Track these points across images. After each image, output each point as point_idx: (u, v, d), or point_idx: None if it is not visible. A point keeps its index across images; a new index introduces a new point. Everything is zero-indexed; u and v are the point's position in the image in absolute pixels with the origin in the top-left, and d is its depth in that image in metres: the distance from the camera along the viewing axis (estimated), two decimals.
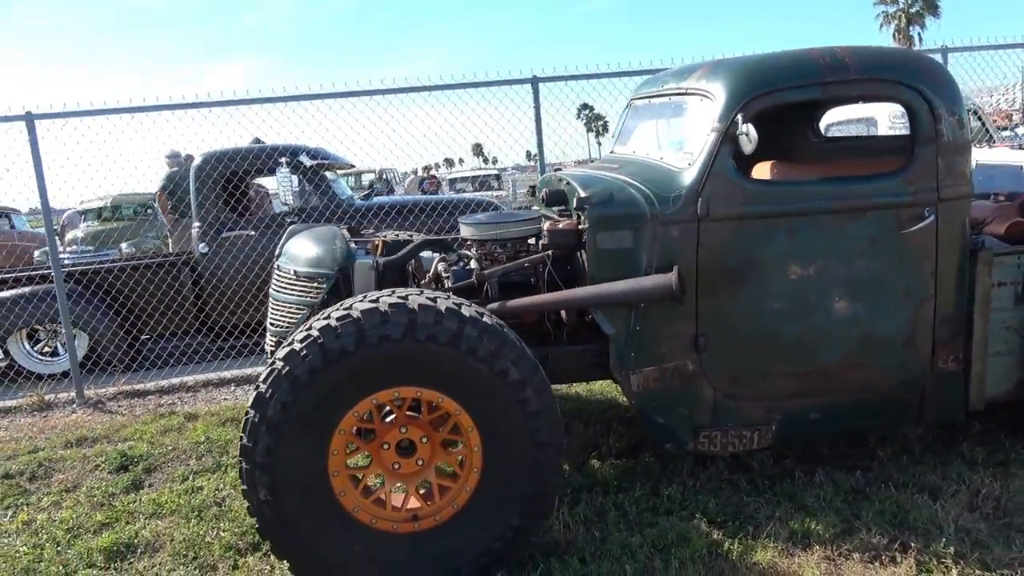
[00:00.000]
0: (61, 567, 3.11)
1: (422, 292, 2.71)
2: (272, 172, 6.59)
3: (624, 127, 3.94)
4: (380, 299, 2.61)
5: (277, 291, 3.54)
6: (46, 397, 5.65)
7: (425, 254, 3.76)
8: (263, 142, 7.79)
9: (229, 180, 6.62)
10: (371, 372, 2.56)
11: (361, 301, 2.62)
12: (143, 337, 6.53)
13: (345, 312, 2.56)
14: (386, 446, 2.73)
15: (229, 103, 5.73)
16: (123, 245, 10.78)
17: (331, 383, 2.53)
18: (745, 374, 3.14)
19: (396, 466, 2.74)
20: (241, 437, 2.55)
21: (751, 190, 3.03)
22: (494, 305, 3.19)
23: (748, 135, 2.90)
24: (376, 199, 7.80)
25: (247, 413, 2.54)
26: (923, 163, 3.03)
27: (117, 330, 6.32)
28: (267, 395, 2.51)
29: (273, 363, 2.56)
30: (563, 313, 3.35)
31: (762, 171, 4.28)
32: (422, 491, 2.79)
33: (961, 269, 3.14)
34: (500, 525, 2.70)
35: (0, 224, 14.77)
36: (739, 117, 2.95)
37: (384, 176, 22.70)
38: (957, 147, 3.05)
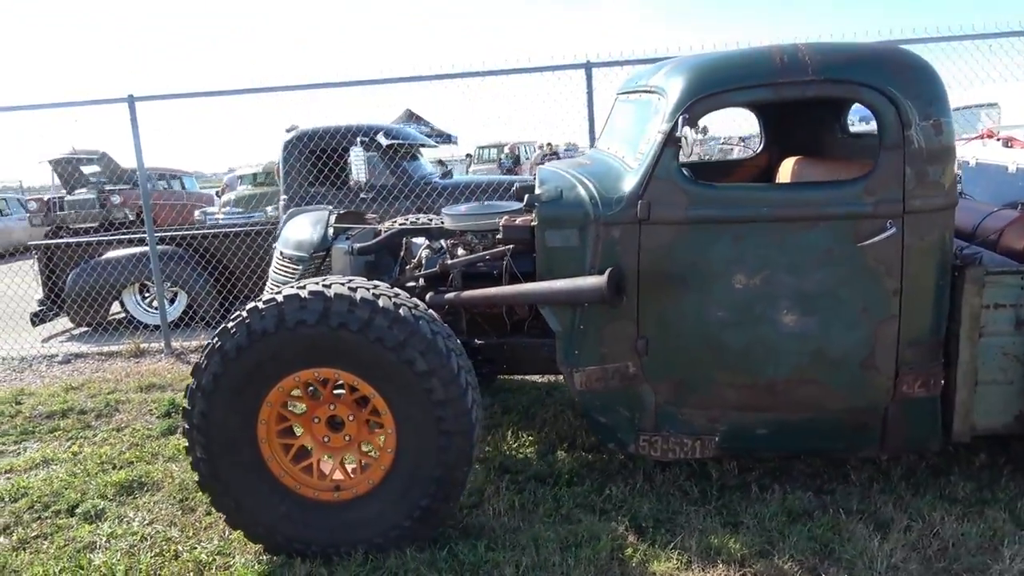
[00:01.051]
0: (80, 494, 3.65)
1: (352, 280, 2.90)
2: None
3: (609, 121, 3.89)
4: (307, 286, 2.83)
5: (271, 270, 3.88)
6: (141, 345, 6.46)
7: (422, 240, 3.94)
8: (417, 115, 8.48)
9: (312, 155, 7.12)
10: (290, 352, 2.81)
11: (293, 287, 2.86)
12: (233, 297, 7.25)
13: (271, 297, 2.82)
14: (316, 420, 2.97)
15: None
16: (268, 208, 11.81)
17: (254, 360, 2.81)
18: (687, 382, 3.07)
19: (326, 439, 2.99)
20: (184, 401, 2.90)
21: (696, 194, 2.93)
22: (451, 294, 3.34)
23: (686, 139, 2.81)
24: (456, 179, 8.07)
25: (190, 380, 2.87)
26: (887, 171, 2.79)
27: (211, 290, 7.06)
28: (202, 366, 2.84)
29: (212, 337, 2.87)
30: (519, 307, 3.42)
31: (786, 167, 4.08)
32: (351, 466, 3.03)
33: (938, 288, 2.88)
34: (410, 504, 2.88)
35: (173, 185, 16.68)
36: (681, 119, 2.86)
37: (515, 151, 23.09)
38: (931, 154, 2.78)
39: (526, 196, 3.24)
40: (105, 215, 13.20)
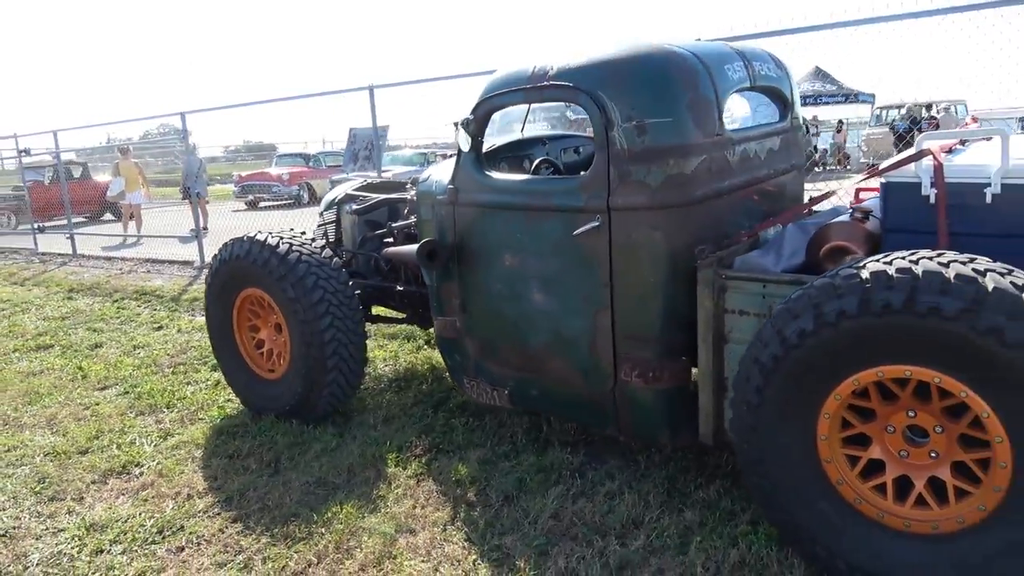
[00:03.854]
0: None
1: (287, 232, 4.20)
2: None
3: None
4: (249, 236, 4.23)
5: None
6: None
7: None
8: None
9: None
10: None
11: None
12: None
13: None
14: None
15: None
16: None
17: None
18: (487, 340, 3.65)
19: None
20: None
21: (481, 182, 3.46)
22: (385, 250, 4.40)
23: (466, 132, 3.39)
24: None
25: None
26: (597, 170, 2.98)
27: None
28: None
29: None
30: None
31: None
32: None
33: (653, 285, 2.96)
34: None
35: None
36: (470, 117, 3.43)
37: (913, 113, 20.21)
38: (634, 155, 2.87)
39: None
40: None
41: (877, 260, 2.29)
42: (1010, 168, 2.43)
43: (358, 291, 4.33)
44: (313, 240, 4.20)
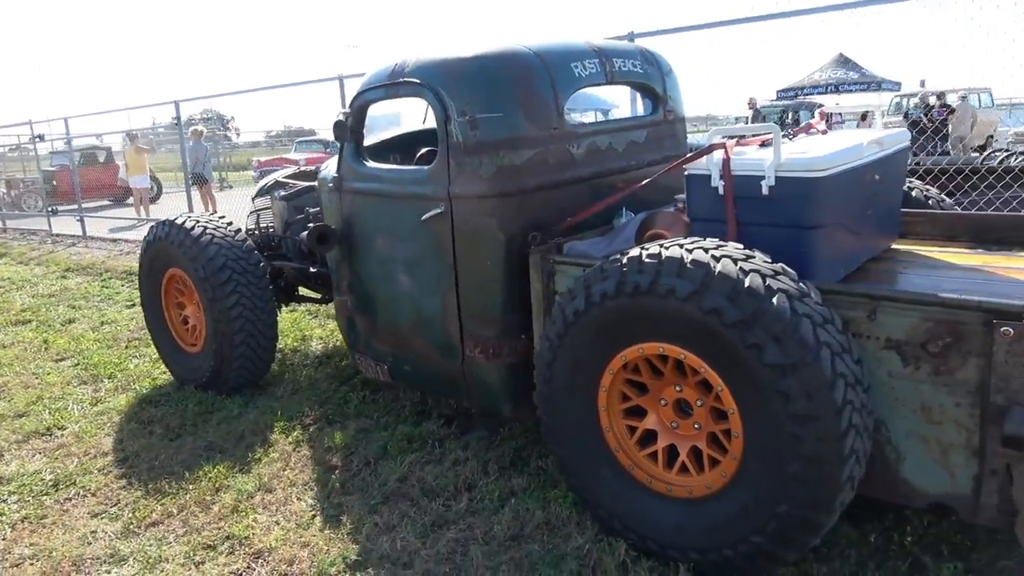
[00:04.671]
0: None
1: (209, 216, 4.51)
2: None
3: None
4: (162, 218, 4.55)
5: None
6: None
7: None
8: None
9: None
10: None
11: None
12: None
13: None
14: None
15: None
16: None
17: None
18: (369, 319, 3.91)
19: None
20: None
21: (358, 171, 3.71)
22: (302, 234, 4.69)
23: (346, 125, 3.65)
24: None
25: None
26: (439, 161, 3.21)
27: None
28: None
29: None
30: None
31: None
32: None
33: (491, 269, 3.18)
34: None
35: None
36: (347, 111, 3.68)
37: (927, 100, 19.85)
38: (468, 148, 3.10)
39: None
40: None
41: (641, 247, 2.49)
42: (782, 162, 2.60)
43: (280, 273, 4.65)
44: (229, 224, 4.50)
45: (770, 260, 2.37)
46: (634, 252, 2.48)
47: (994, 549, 2.46)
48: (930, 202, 3.64)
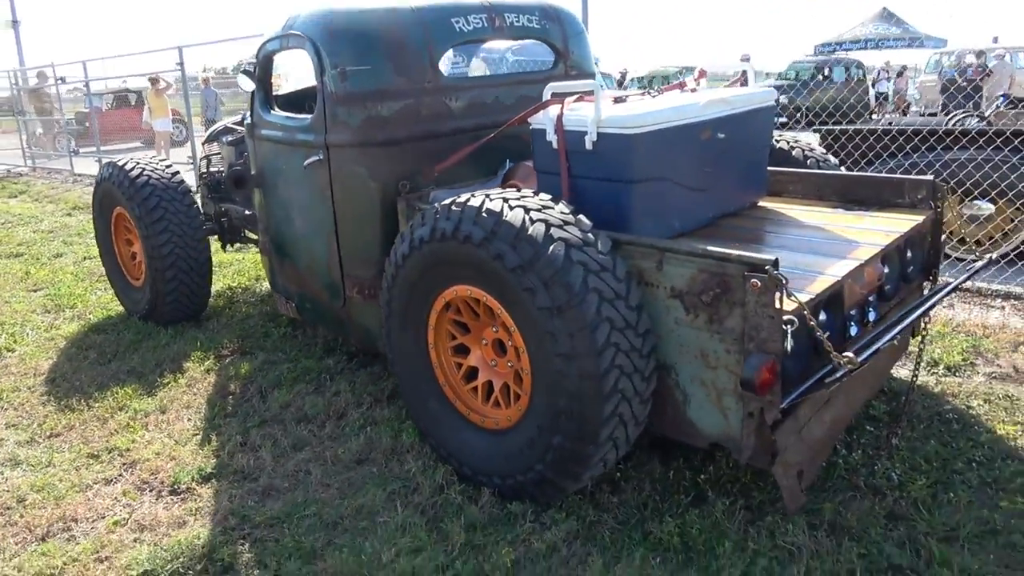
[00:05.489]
0: None
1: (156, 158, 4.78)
2: None
3: None
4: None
5: None
6: None
7: None
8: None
9: None
10: None
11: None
12: None
13: None
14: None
15: None
16: None
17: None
18: (279, 258, 4.15)
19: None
20: None
21: (264, 118, 3.91)
22: None
23: (250, 77, 3.84)
24: None
25: None
26: (318, 110, 3.39)
27: None
28: None
29: None
30: None
31: None
32: None
33: (364, 214, 3.38)
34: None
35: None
36: (253, 61, 3.87)
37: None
38: (339, 98, 3.27)
39: None
40: None
41: (460, 196, 2.66)
42: (603, 119, 2.72)
43: (226, 215, 4.91)
44: (168, 167, 4.77)
45: (569, 212, 2.52)
46: (447, 200, 2.65)
47: (776, 490, 2.62)
48: (809, 162, 3.70)
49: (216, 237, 5.16)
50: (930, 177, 3.16)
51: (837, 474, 2.70)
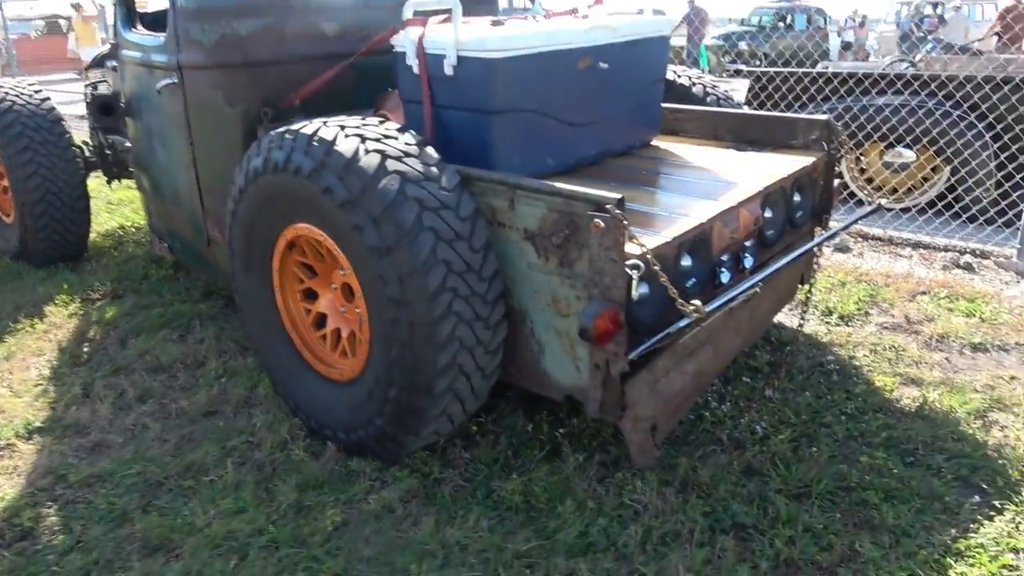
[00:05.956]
0: None
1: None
2: None
3: None
4: None
5: None
6: None
7: None
8: None
9: None
10: None
11: None
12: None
13: None
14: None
15: None
16: None
17: None
18: (148, 194, 3.84)
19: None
20: None
21: (124, 38, 3.54)
22: None
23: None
24: None
25: None
26: (170, 27, 3.05)
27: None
28: None
29: None
30: None
31: None
32: None
33: (223, 143, 3.08)
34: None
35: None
36: None
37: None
38: (192, 13, 2.93)
39: None
40: None
41: (297, 123, 2.39)
42: (463, 41, 2.45)
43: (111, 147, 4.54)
44: (37, 92, 4.36)
45: (416, 143, 2.28)
46: (283, 128, 2.38)
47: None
48: (709, 99, 3.48)
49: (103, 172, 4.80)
50: (824, 116, 2.98)
51: (702, 427, 2.56)
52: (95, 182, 4.93)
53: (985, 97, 4.72)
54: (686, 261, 2.32)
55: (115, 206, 5.76)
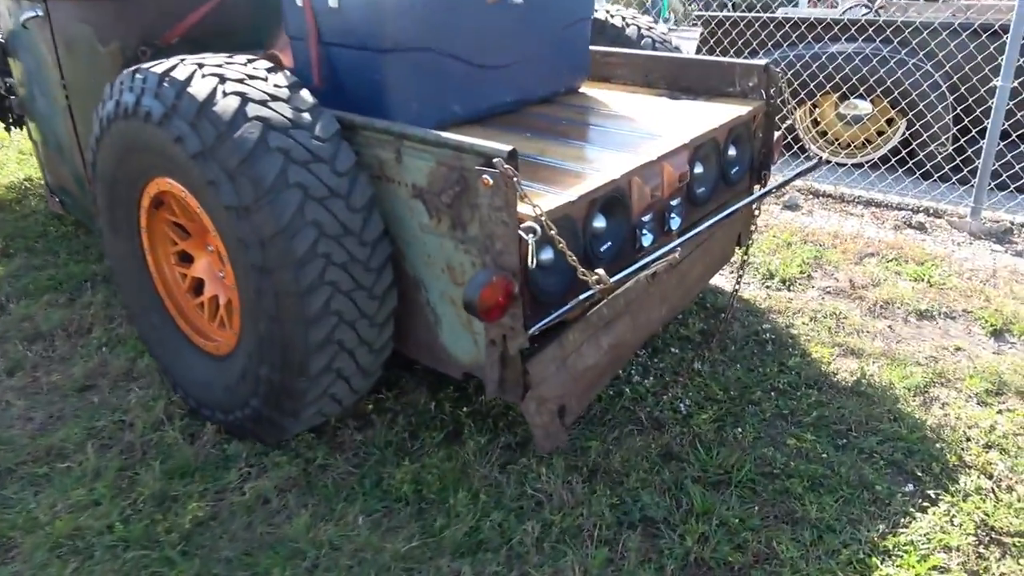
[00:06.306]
0: None
1: None
2: None
3: None
4: None
5: None
6: None
7: None
8: None
9: None
10: None
11: None
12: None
13: None
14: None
15: None
16: None
17: None
18: (35, 145, 3.47)
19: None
20: None
21: None
22: None
23: None
24: None
25: None
26: None
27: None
28: None
29: None
30: None
31: None
32: None
33: (98, 87, 2.72)
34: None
35: None
36: None
37: None
38: None
39: None
40: None
41: (158, 63, 2.07)
42: None
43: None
44: None
45: (287, 84, 1.97)
46: (133, 69, 2.06)
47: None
48: (644, 42, 3.19)
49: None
50: (762, 61, 2.70)
51: (620, 404, 2.34)
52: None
53: (942, 44, 4.47)
54: (599, 222, 2.06)
55: (25, 156, 5.32)
